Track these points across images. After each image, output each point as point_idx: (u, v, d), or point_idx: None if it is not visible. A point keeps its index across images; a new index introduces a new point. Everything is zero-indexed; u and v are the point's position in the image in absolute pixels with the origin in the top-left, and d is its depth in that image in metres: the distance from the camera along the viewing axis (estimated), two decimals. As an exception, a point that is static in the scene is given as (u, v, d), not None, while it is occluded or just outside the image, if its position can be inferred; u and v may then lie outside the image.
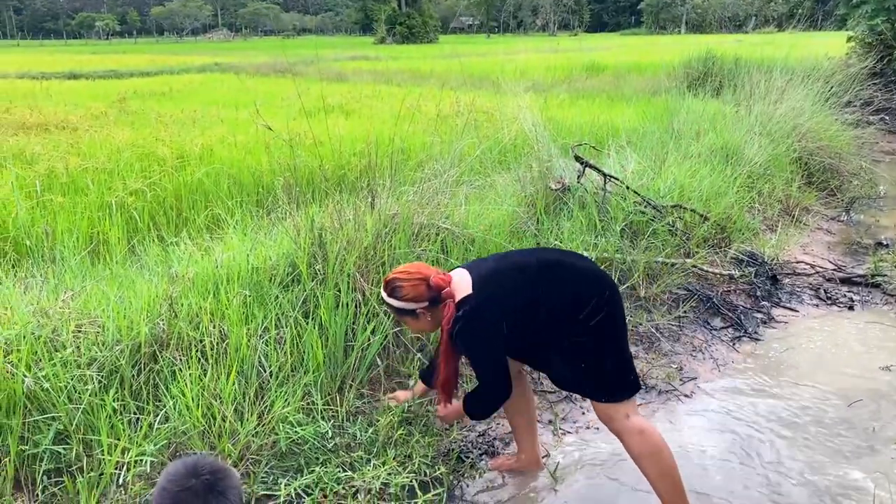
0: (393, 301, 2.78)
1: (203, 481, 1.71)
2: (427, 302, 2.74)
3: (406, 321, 2.87)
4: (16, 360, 2.93)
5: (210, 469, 1.74)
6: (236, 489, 1.75)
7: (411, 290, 2.74)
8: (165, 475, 1.73)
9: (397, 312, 2.83)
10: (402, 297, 2.75)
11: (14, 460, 2.77)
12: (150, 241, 4.76)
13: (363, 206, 4.34)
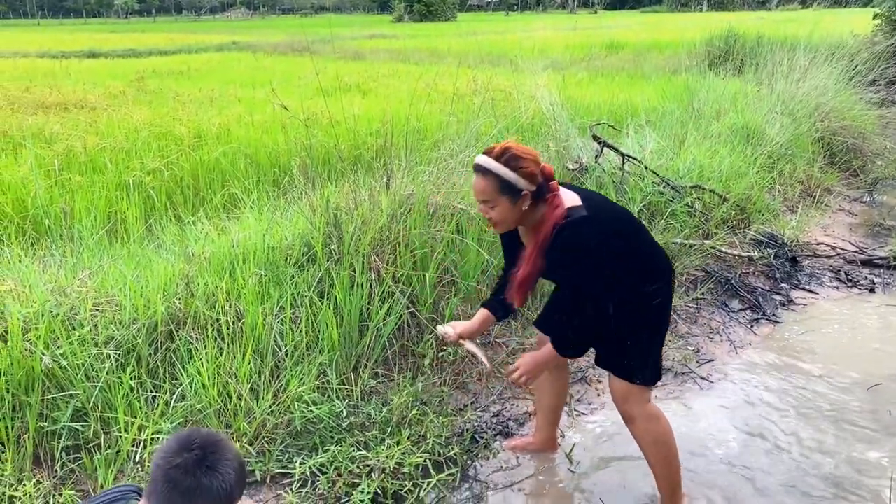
0: (505, 171, 2.39)
1: (192, 456, 1.64)
2: (535, 188, 2.44)
3: (500, 201, 2.44)
4: (34, 338, 2.95)
5: (200, 443, 1.67)
6: (230, 461, 1.68)
7: (530, 165, 2.42)
8: (159, 451, 1.68)
9: (500, 186, 2.41)
10: (518, 168, 2.40)
11: (33, 437, 2.80)
12: (167, 220, 4.79)
13: (378, 185, 4.32)
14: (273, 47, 25.16)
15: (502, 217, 2.50)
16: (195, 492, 1.62)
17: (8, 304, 3.05)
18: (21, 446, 2.77)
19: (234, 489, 1.68)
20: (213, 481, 1.63)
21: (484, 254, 4.13)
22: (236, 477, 1.68)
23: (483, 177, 2.45)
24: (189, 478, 1.62)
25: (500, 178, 2.41)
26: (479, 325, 2.85)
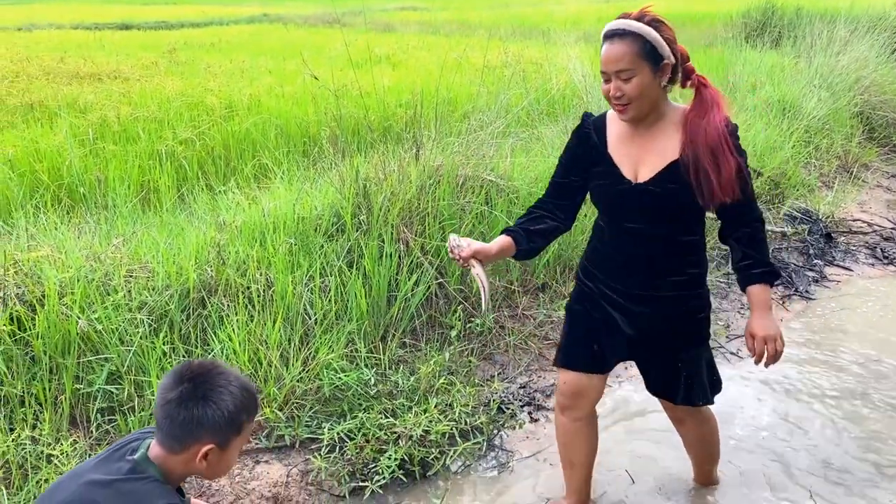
0: (649, 31, 2.06)
1: (184, 389, 1.66)
2: (675, 58, 2.12)
3: (641, 69, 2.07)
4: (70, 302, 3.01)
5: (190, 375, 1.67)
6: (223, 388, 1.67)
7: (671, 31, 2.13)
8: (158, 388, 1.70)
9: (643, 50, 2.06)
10: (662, 30, 2.10)
11: (69, 398, 2.87)
12: (198, 189, 4.83)
13: (408, 157, 4.32)
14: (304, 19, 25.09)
15: (640, 91, 2.10)
16: (192, 423, 1.65)
17: (45, 269, 3.11)
18: (58, 407, 2.85)
19: (234, 414, 1.68)
20: (206, 411, 1.65)
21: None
22: (235, 402, 1.68)
23: (621, 40, 2.08)
24: (183, 411, 1.64)
25: (643, 39, 2.07)
26: (497, 251, 2.33)
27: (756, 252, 2.24)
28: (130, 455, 1.69)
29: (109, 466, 1.67)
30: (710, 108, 2.15)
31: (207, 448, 1.68)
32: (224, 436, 1.70)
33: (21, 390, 2.80)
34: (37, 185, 4.85)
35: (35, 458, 2.65)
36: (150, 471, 1.66)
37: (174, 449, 1.67)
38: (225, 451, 1.73)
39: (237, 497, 2.75)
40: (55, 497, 1.66)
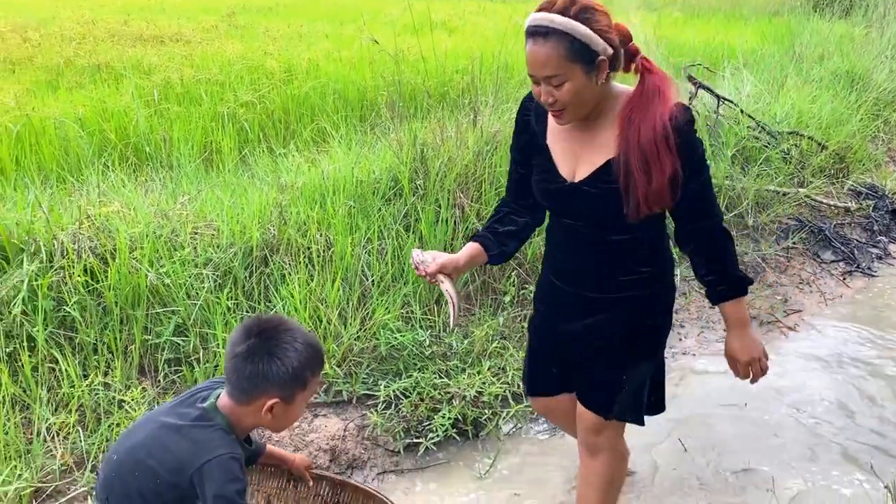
0: (576, 26, 1.72)
1: (252, 344, 1.71)
2: (612, 49, 1.78)
3: (572, 73, 1.76)
4: (140, 256, 3.13)
5: (258, 330, 1.72)
6: (288, 345, 1.72)
7: (605, 19, 1.78)
8: (227, 341, 1.76)
9: (571, 50, 1.73)
10: (593, 22, 1.74)
11: (139, 348, 3.00)
12: (259, 151, 4.93)
13: (465, 122, 4.33)
14: (359, -16, 25.00)
15: (575, 96, 1.80)
16: (258, 377, 1.71)
17: (115, 224, 3.24)
18: (128, 356, 2.98)
19: (299, 370, 1.73)
20: (272, 366, 1.70)
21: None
22: (300, 358, 1.73)
23: (544, 41, 1.75)
24: (249, 365, 1.70)
25: (571, 37, 1.73)
26: (466, 261, 2.11)
27: (719, 264, 1.97)
28: (201, 403, 1.77)
29: (181, 411, 1.75)
30: (650, 101, 1.82)
31: (272, 402, 1.74)
32: (289, 390, 1.75)
33: (94, 339, 2.94)
34: (105, 143, 5.00)
35: (107, 403, 2.79)
36: (217, 419, 1.74)
37: (241, 401, 1.74)
38: (290, 405, 1.78)
39: (296, 448, 2.85)
40: (132, 438, 1.76)
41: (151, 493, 1.67)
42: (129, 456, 1.72)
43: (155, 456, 1.68)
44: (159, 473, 1.67)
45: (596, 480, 2.25)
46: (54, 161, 4.57)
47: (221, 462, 1.67)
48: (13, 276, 2.90)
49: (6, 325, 2.83)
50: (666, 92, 1.83)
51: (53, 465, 2.57)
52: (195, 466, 1.65)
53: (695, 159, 1.87)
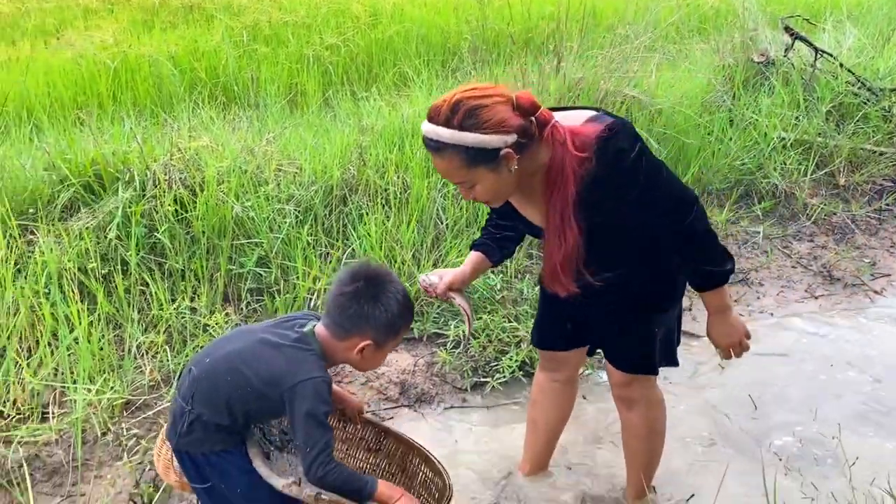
0: (464, 136, 1.66)
1: (357, 286, 1.82)
2: (516, 134, 1.68)
3: (477, 176, 1.73)
4: (226, 189, 3.26)
5: (367, 276, 1.84)
6: (391, 294, 1.82)
7: (496, 111, 1.66)
8: (334, 280, 1.88)
9: (467, 158, 1.69)
10: (482, 125, 1.65)
11: (223, 276, 3.14)
12: (342, 94, 5.00)
13: (548, 69, 4.28)
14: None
15: (490, 193, 1.79)
16: (359, 317, 1.81)
17: (204, 158, 3.37)
18: (213, 284, 3.13)
19: (395, 320, 1.84)
20: (374, 310, 1.81)
21: (653, 143, 4.02)
22: (398, 309, 1.84)
23: (439, 156, 1.72)
24: (354, 304, 1.81)
25: (462, 147, 1.68)
26: (472, 272, 2.17)
27: (694, 263, 1.90)
28: (299, 328, 1.87)
29: (280, 332, 1.86)
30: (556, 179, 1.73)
31: (365, 343, 1.84)
32: (382, 335, 1.86)
33: (182, 266, 3.10)
34: (196, 81, 5.17)
35: (193, 326, 2.95)
36: (314, 345, 1.84)
37: (338, 335, 1.84)
38: (379, 349, 1.88)
39: (368, 380, 2.96)
40: (229, 345, 1.88)
41: (237, 398, 1.79)
42: (224, 361, 1.84)
43: (251, 366, 1.79)
44: (252, 382, 1.78)
45: (638, 431, 2.27)
46: (148, 97, 4.76)
47: (316, 384, 1.77)
48: (109, 203, 3.07)
49: (102, 248, 3.01)
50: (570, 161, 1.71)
51: (142, 380, 2.75)
52: (290, 384, 1.75)
53: (639, 185, 1.76)
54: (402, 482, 2.30)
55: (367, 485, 1.84)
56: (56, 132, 3.83)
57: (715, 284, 1.91)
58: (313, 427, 1.76)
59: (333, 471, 1.78)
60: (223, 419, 1.81)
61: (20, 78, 4.70)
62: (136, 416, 2.66)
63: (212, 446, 1.84)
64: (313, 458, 1.76)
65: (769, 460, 2.63)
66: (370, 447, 2.34)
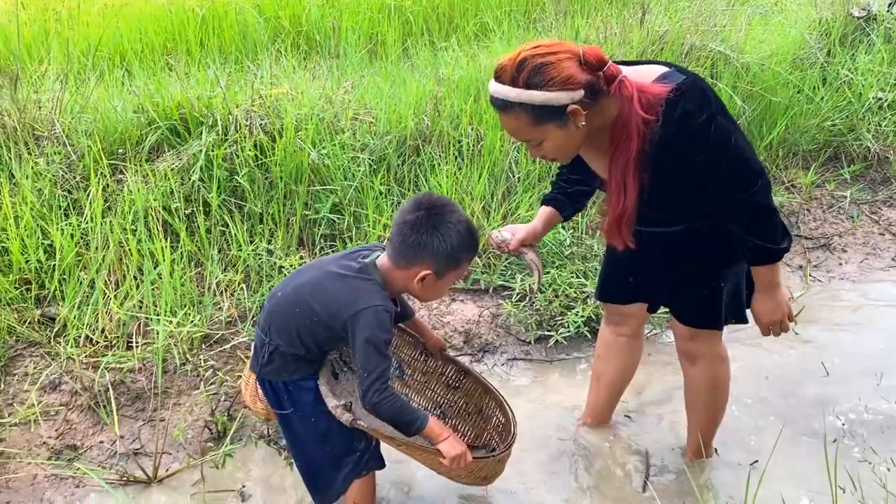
0: (532, 95, 1.66)
1: (420, 215, 1.84)
2: (583, 90, 1.67)
3: (546, 133, 1.74)
4: (304, 136, 3.34)
5: (428, 205, 1.86)
6: (452, 225, 1.84)
7: (563, 67, 1.66)
8: (399, 209, 1.91)
9: (535, 116, 1.70)
10: (548, 82, 1.65)
11: (299, 221, 3.24)
12: (422, 44, 4.99)
13: (632, 21, 4.16)
14: None
15: (558, 150, 1.80)
16: (419, 246, 1.84)
17: (284, 105, 3.44)
18: (289, 228, 3.23)
19: (455, 250, 1.86)
20: (433, 240, 1.84)
21: (737, 101, 3.88)
22: (459, 240, 1.85)
23: (506, 114, 1.74)
24: (414, 233, 1.84)
25: (528, 106, 1.68)
26: (543, 227, 2.19)
27: (754, 235, 1.85)
28: (362, 259, 1.94)
29: (344, 263, 1.93)
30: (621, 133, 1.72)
31: (425, 272, 1.87)
32: (442, 265, 1.88)
33: (261, 209, 3.21)
34: (279, 30, 5.24)
35: (269, 267, 3.06)
36: (375, 275, 1.90)
37: (399, 264, 1.89)
38: (440, 279, 1.91)
39: (434, 327, 3.02)
40: (298, 278, 1.97)
41: (305, 329, 1.88)
42: (293, 293, 1.93)
43: (317, 297, 1.88)
44: (317, 312, 1.87)
45: (700, 387, 2.27)
46: (233, 44, 4.87)
47: (377, 312, 1.83)
48: (193, 146, 3.20)
49: (186, 189, 3.14)
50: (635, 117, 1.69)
51: (220, 316, 2.89)
52: (352, 312, 1.82)
53: (705, 149, 1.73)
54: (478, 423, 2.34)
55: (417, 420, 1.90)
56: (146, 76, 3.98)
57: (768, 261, 1.89)
58: (372, 353, 1.82)
59: (388, 399, 1.85)
60: (297, 349, 1.90)
61: (114, 24, 4.87)
62: (214, 349, 2.80)
63: (289, 375, 1.95)
64: (370, 384, 1.83)
65: (833, 425, 2.59)
66: (449, 384, 2.38)
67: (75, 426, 2.58)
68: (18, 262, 2.87)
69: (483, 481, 2.17)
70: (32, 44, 4.39)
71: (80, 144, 3.20)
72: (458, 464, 1.93)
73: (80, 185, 3.13)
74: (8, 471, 2.42)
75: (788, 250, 1.89)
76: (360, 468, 2.02)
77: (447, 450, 1.91)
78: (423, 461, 2.04)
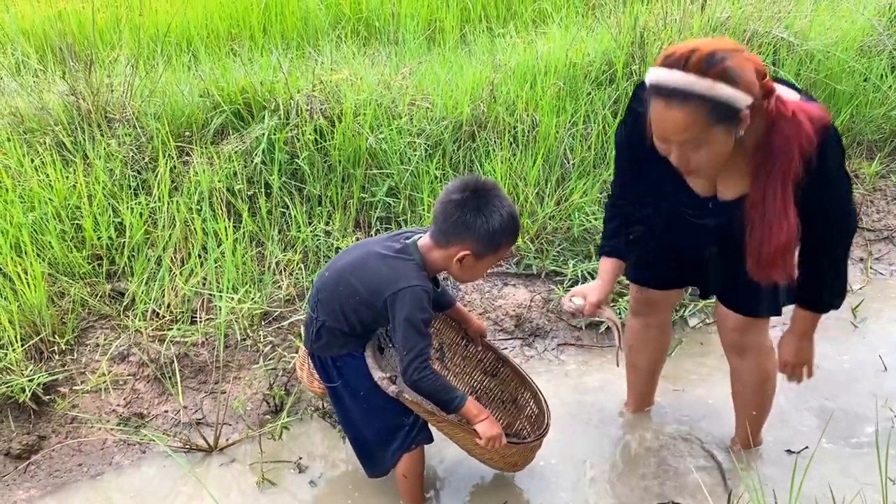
0: (720, 89, 1.55)
1: (465, 195, 1.88)
2: (754, 98, 1.60)
3: (713, 136, 1.62)
4: (362, 121, 3.41)
5: (474, 187, 1.90)
6: (496, 209, 1.87)
7: (745, 70, 1.58)
8: (445, 188, 1.95)
9: (712, 114, 1.58)
10: (735, 79, 1.56)
11: (356, 204, 3.32)
12: (479, 31, 5.01)
13: (693, 6, 4.10)
14: None
15: (714, 158, 1.68)
16: (462, 225, 1.88)
17: (344, 90, 3.52)
18: (347, 210, 3.31)
19: (496, 233, 1.89)
20: (477, 220, 1.87)
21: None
22: (501, 223, 1.88)
23: (680, 106, 1.58)
24: (458, 212, 1.88)
25: (712, 102, 1.56)
26: (612, 281, 2.15)
27: (818, 284, 1.91)
28: (405, 240, 1.99)
29: (387, 244, 1.99)
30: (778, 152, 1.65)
31: (465, 253, 1.92)
32: (483, 247, 1.92)
33: (319, 192, 3.30)
34: (340, 16, 5.33)
35: (326, 248, 3.15)
36: (415, 255, 1.96)
37: (440, 243, 1.93)
38: (479, 261, 1.95)
39: (485, 310, 3.07)
40: (344, 258, 2.05)
41: (349, 307, 1.96)
42: (338, 273, 2.01)
43: (358, 276, 1.95)
44: (359, 291, 1.94)
45: (749, 380, 2.26)
46: (295, 31, 4.97)
47: (415, 292, 1.89)
48: (255, 129, 3.30)
49: (248, 171, 3.25)
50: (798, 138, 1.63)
51: (279, 294, 2.99)
52: (391, 291, 1.89)
53: (832, 194, 1.77)
54: (512, 411, 2.41)
55: (456, 399, 1.95)
56: (211, 62, 4.11)
57: (814, 310, 1.96)
58: (411, 332, 1.88)
59: (428, 377, 1.91)
60: (343, 326, 1.98)
61: (181, 10, 5.03)
62: (272, 326, 2.91)
63: (337, 350, 2.03)
64: (409, 362, 1.89)
65: (886, 419, 2.55)
66: (486, 370, 2.46)
67: (142, 395, 2.72)
68: (91, 238, 3.02)
69: (513, 468, 2.21)
70: (105, 30, 4.56)
71: (150, 127, 3.34)
72: (494, 445, 1.98)
73: (148, 166, 3.27)
74: (80, 435, 2.57)
75: (837, 308, 1.95)
76: (408, 442, 2.09)
77: (484, 430, 1.97)
78: (459, 441, 2.10)
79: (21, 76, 3.85)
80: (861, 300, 3.14)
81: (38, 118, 3.35)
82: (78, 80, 3.37)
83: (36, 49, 4.19)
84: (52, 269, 2.92)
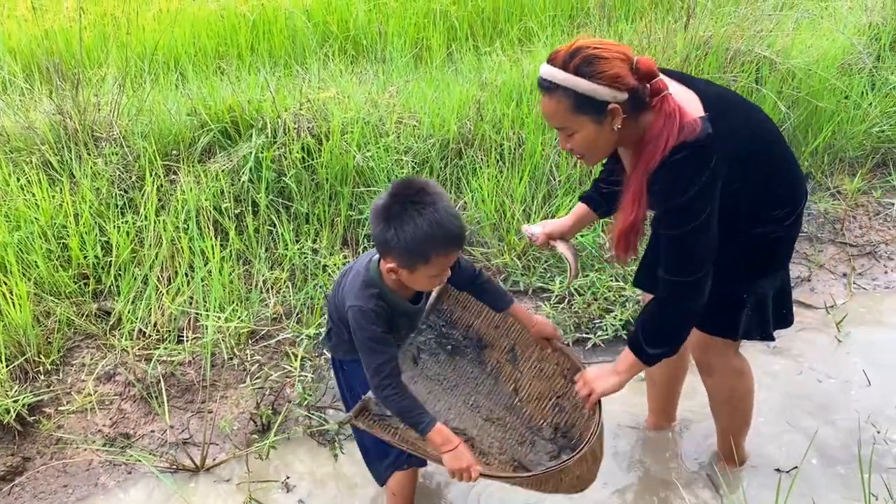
0: (578, 81, 1.70)
1: (384, 204, 1.72)
2: (627, 94, 1.72)
3: (579, 124, 1.76)
4: (349, 139, 3.42)
5: (416, 189, 1.72)
6: (411, 220, 1.68)
7: (613, 65, 1.70)
8: (390, 185, 1.79)
9: (575, 104, 1.73)
10: (597, 74, 1.69)
11: (344, 222, 3.33)
12: (466, 49, 5.06)
13: (676, 25, 4.16)
14: None
15: (587, 146, 1.81)
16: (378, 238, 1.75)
17: (331, 108, 3.54)
18: (334, 228, 3.32)
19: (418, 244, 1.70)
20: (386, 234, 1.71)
21: (782, 107, 3.86)
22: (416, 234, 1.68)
23: (549, 95, 1.76)
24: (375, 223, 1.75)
25: (572, 92, 1.71)
26: (574, 223, 2.25)
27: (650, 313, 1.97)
28: (375, 255, 1.90)
29: (364, 259, 1.95)
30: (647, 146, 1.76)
31: (392, 265, 1.78)
32: (408, 261, 1.74)
33: (307, 209, 3.30)
34: (327, 35, 5.36)
35: (314, 266, 3.16)
36: (369, 273, 1.87)
37: (381, 256, 1.85)
38: (412, 273, 1.77)
39: (472, 327, 3.08)
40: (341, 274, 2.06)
41: (341, 321, 1.97)
42: (333, 289, 2.05)
43: (338, 293, 1.98)
44: (337, 306, 1.97)
45: (718, 397, 2.28)
46: (283, 49, 4.99)
47: (354, 311, 1.84)
48: (243, 148, 3.31)
49: (235, 189, 3.26)
50: (666, 136, 1.73)
51: (266, 312, 2.99)
52: (344, 309, 1.89)
53: (669, 208, 1.81)
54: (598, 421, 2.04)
55: (423, 423, 1.82)
56: (199, 80, 4.12)
57: (633, 350, 1.96)
58: (363, 349, 1.85)
59: (392, 396, 1.83)
60: (343, 333, 1.99)
61: (169, 29, 5.04)
62: (259, 345, 2.91)
63: (343, 354, 2.06)
64: (370, 378, 1.86)
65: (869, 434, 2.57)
66: (565, 375, 2.20)
67: (128, 415, 2.70)
68: (77, 257, 3.01)
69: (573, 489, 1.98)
70: (92, 48, 4.57)
71: (136, 146, 3.34)
72: (463, 478, 1.81)
73: (135, 185, 3.27)
74: (65, 456, 2.55)
75: (650, 361, 1.95)
76: (402, 461, 2.08)
77: (448, 461, 1.81)
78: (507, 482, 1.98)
79: (7, 95, 3.84)
80: (844, 315, 3.17)
81: (24, 137, 3.35)
82: (65, 98, 3.38)
83: (23, 68, 4.19)
84: (38, 289, 2.91)
